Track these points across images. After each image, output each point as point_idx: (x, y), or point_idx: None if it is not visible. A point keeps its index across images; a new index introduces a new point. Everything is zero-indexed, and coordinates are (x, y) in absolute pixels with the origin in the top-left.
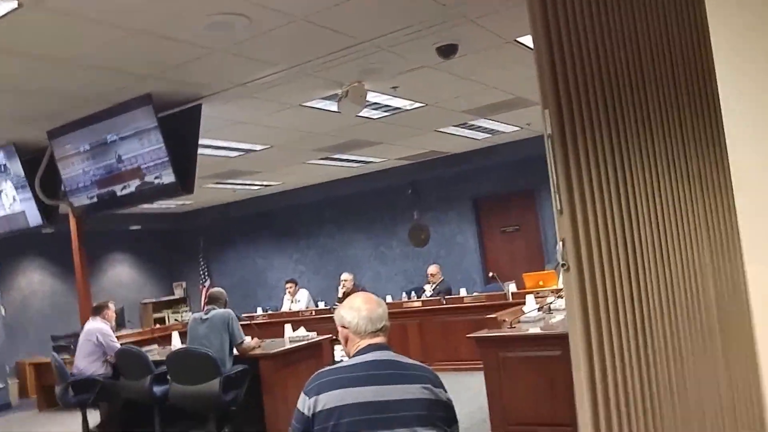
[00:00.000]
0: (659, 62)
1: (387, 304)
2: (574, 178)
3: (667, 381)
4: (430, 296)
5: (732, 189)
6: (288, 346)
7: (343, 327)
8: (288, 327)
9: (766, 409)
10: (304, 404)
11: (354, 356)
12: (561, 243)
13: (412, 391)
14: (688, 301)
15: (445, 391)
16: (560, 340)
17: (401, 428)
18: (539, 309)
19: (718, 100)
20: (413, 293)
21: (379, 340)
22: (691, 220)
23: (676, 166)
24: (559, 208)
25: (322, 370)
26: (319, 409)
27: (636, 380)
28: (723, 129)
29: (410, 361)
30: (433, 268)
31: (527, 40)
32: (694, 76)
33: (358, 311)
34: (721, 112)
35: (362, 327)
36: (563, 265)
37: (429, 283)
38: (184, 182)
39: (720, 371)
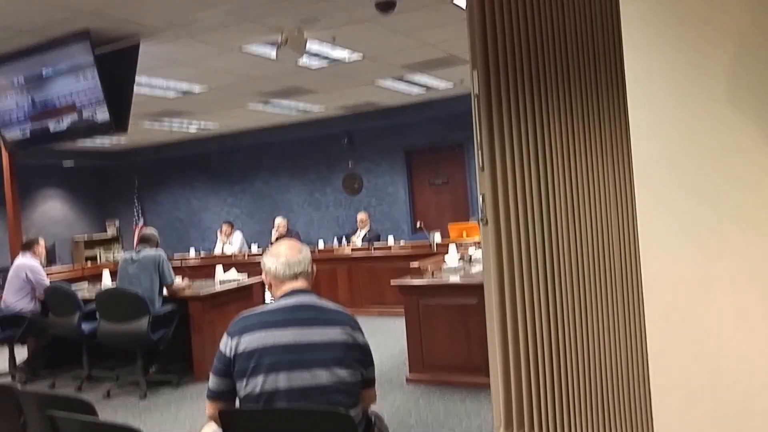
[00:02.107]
0: (581, 35)
1: (319, 249)
2: (496, 137)
3: (573, 331)
4: (360, 242)
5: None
6: (218, 287)
7: (266, 273)
8: (219, 269)
9: (650, 355)
10: (227, 345)
11: (278, 300)
12: (481, 198)
13: (331, 333)
14: (595, 257)
15: (363, 335)
16: (477, 290)
17: (319, 369)
18: (460, 259)
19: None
20: (344, 239)
21: (300, 284)
22: (600, 184)
23: (590, 133)
24: (481, 164)
25: (245, 312)
26: (240, 350)
27: (545, 329)
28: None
29: (331, 305)
30: (362, 215)
31: (462, 1)
32: (612, 50)
33: (277, 257)
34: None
35: (280, 272)
36: (482, 219)
37: (359, 229)
38: (119, 120)
39: (620, 322)
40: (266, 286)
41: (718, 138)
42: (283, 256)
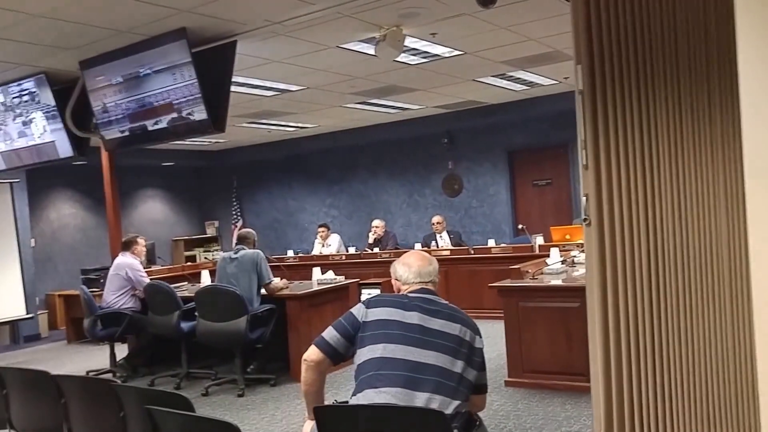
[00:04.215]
0: (692, 28)
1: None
2: (601, 134)
3: (677, 336)
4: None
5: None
6: (315, 288)
7: (396, 279)
8: (316, 270)
9: (758, 361)
10: (360, 310)
11: (406, 292)
12: (585, 198)
13: (452, 327)
14: (702, 261)
15: (481, 341)
16: (579, 293)
17: (435, 351)
18: (563, 262)
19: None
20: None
21: (428, 286)
22: (710, 183)
23: (700, 130)
24: (585, 163)
25: (382, 293)
26: (370, 318)
27: (647, 333)
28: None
29: (455, 307)
30: (437, 218)
31: None
32: (725, 42)
33: (408, 267)
34: None
35: (411, 279)
36: (585, 219)
37: (437, 233)
38: (216, 120)
39: (727, 329)
40: (396, 290)
41: None
42: (415, 266)
